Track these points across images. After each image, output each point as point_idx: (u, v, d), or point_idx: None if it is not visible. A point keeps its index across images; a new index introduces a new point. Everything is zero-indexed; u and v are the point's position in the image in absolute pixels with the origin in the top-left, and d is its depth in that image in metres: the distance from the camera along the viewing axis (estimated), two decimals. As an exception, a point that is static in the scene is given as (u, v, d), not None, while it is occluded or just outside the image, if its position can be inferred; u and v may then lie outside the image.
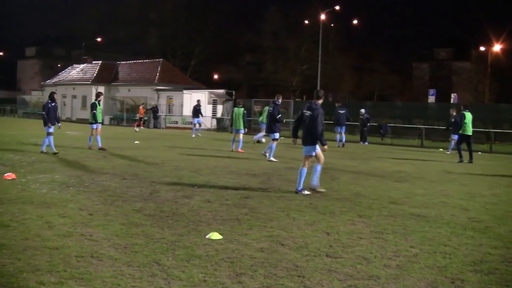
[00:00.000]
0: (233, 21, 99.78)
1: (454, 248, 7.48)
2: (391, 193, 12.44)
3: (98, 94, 22.25)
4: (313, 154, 12.14)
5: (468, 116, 21.49)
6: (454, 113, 25.82)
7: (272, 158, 19.18)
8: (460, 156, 21.24)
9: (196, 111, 36.21)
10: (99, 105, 21.70)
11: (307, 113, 12.26)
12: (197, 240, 7.39)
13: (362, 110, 34.00)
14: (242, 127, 22.44)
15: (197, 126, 36.26)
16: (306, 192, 11.80)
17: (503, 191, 13.67)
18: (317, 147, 12.17)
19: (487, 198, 12.24)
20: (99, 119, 21.55)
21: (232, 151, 22.25)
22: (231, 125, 23.44)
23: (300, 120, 12.74)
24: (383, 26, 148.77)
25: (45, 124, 19.18)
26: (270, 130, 19.90)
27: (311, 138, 12.10)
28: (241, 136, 22.52)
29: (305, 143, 12.26)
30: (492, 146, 30.84)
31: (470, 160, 20.96)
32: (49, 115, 19.27)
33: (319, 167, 12.37)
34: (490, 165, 20.16)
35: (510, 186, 14.85)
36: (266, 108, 25.25)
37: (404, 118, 37.29)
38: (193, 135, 34.46)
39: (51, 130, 19.09)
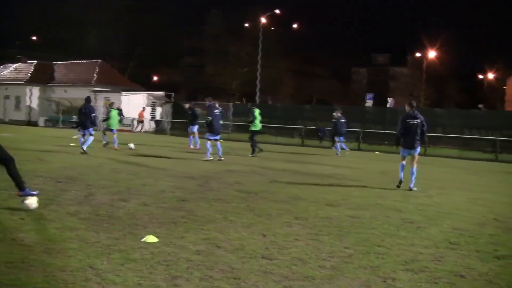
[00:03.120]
0: (174, 23, 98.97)
1: (387, 248, 7.63)
2: (328, 195, 12.59)
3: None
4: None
5: (257, 113, 23.84)
6: (340, 115, 28.12)
7: (208, 158, 20.19)
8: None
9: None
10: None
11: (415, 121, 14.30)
12: (133, 244, 7.31)
13: (335, 114, 33.30)
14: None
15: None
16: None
17: (435, 192, 14.04)
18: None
19: (420, 200, 12.55)
20: None
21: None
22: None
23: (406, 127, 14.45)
24: (323, 31, 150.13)
25: None
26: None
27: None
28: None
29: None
30: (426, 149, 31.60)
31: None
32: None
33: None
34: (424, 168, 20.62)
35: (442, 188, 15.27)
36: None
37: (343, 121, 37.84)
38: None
39: None
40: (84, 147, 20.77)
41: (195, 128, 26.97)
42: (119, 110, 26.08)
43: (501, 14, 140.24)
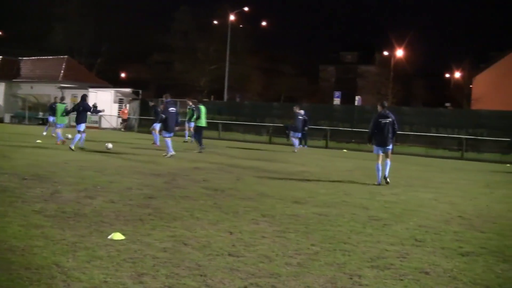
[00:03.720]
0: (142, 19, 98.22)
1: (353, 246, 7.70)
2: (295, 192, 12.65)
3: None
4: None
5: (203, 109, 24.37)
6: (298, 110, 28.45)
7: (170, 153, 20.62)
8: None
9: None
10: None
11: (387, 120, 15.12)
12: (99, 241, 7.27)
13: (301, 111, 33.15)
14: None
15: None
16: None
17: (402, 190, 14.20)
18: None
19: (386, 197, 12.68)
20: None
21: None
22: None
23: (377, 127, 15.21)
24: (292, 29, 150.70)
25: None
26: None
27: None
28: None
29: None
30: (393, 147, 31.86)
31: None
32: None
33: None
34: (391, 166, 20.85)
35: (409, 185, 15.44)
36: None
37: (310, 119, 38.00)
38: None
39: None
40: (72, 145, 21.32)
41: (157, 126, 27.07)
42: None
43: (468, 13, 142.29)
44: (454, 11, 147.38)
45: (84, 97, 22.73)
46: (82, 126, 21.78)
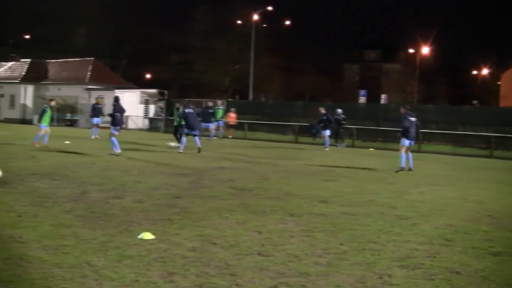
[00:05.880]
0: (163, 20, 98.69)
1: (382, 245, 7.68)
2: (321, 192, 12.64)
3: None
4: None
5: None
6: (323, 111, 27.78)
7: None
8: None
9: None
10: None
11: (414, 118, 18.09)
12: (128, 241, 7.34)
13: (339, 110, 32.36)
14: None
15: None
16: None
17: (428, 189, 14.08)
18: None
19: (414, 196, 12.61)
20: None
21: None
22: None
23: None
24: (313, 27, 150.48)
25: None
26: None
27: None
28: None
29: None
30: (420, 146, 31.63)
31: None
32: None
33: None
34: (417, 164, 20.67)
35: (435, 184, 15.31)
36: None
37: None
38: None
39: None
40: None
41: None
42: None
43: (495, 10, 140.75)
44: (480, 6, 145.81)
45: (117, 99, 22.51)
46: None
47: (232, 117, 38.14)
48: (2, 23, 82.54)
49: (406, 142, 17.94)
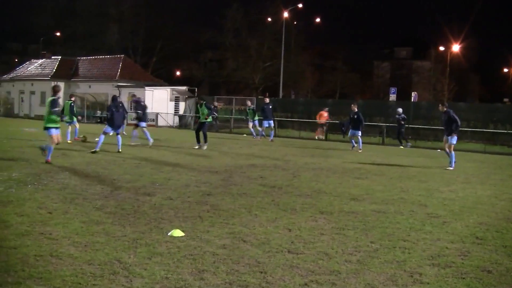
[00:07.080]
0: (194, 17, 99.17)
1: (412, 243, 7.61)
2: (351, 189, 12.56)
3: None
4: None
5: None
6: (356, 109, 26.45)
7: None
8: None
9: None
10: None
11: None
12: (158, 238, 7.37)
13: (399, 110, 31.51)
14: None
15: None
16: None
17: (459, 187, 13.91)
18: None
19: (444, 194, 12.46)
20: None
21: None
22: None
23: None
24: (344, 24, 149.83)
25: None
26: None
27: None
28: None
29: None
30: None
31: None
32: None
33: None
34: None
35: (467, 182, 15.12)
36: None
37: (365, 116, 37.57)
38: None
39: None
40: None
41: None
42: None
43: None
44: (511, 3, 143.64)
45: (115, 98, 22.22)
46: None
47: (324, 116, 36.93)
48: (34, 21, 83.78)
49: (456, 139, 18.38)
